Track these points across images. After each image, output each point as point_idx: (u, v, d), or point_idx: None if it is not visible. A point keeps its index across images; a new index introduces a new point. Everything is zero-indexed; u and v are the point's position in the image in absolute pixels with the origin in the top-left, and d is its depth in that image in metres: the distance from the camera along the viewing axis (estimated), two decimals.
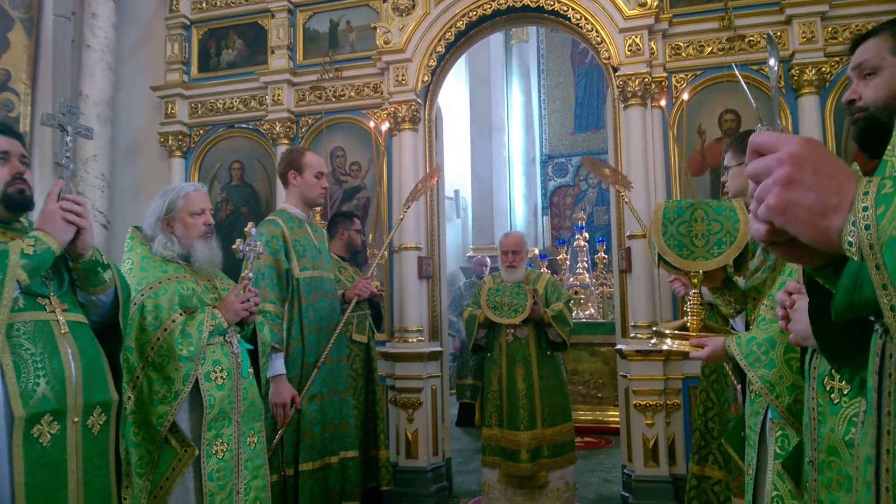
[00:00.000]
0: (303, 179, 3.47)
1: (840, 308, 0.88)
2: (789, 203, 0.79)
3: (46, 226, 1.88)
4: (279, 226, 3.35)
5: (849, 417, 1.33)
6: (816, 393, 1.42)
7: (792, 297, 1.51)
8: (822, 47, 4.15)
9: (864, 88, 1.38)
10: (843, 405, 1.34)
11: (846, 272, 0.85)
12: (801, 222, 0.79)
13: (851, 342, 1.02)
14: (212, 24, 5.41)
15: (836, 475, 1.35)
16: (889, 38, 1.37)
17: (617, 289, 4.61)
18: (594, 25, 4.44)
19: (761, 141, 0.84)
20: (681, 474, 4.04)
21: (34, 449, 1.81)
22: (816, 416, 1.41)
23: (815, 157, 0.80)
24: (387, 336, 4.73)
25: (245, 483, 2.54)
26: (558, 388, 4.30)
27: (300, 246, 3.40)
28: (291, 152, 3.59)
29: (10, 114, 4.92)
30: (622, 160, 4.44)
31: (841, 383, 1.36)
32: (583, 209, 11.28)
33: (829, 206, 0.79)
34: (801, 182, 0.79)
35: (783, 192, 0.79)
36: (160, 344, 2.41)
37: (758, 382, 1.93)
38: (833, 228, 0.79)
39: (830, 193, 0.79)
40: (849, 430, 1.32)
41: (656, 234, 2.34)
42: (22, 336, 1.84)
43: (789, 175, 0.79)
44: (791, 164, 0.79)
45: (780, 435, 1.93)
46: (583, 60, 11.99)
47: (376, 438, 4.07)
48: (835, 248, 0.80)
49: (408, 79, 4.77)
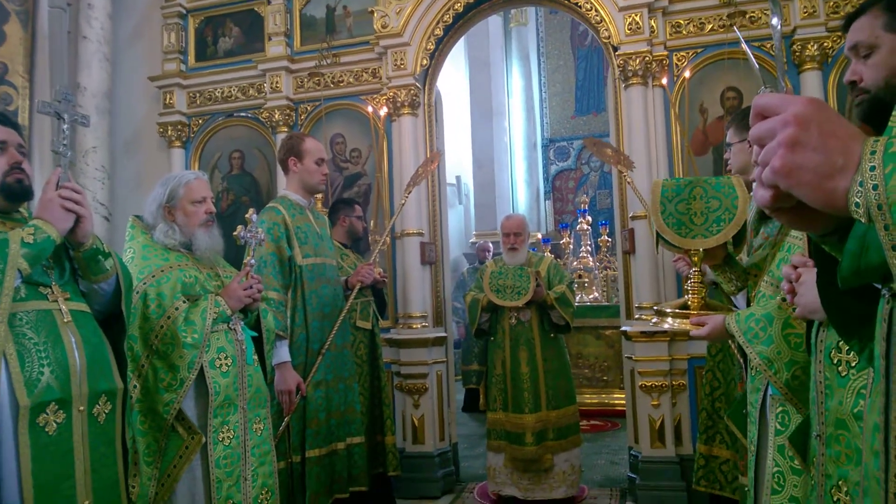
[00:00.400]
0: (303, 166, 3.45)
1: (846, 273, 0.86)
2: (794, 165, 0.77)
3: (46, 214, 1.88)
4: (280, 213, 3.34)
5: (857, 389, 1.32)
6: (824, 366, 1.40)
7: (797, 270, 1.50)
8: (824, 22, 4.11)
9: (864, 68, 1.36)
10: (852, 377, 1.33)
11: (852, 236, 0.83)
12: (806, 185, 0.77)
13: (860, 313, 1.01)
14: (208, 12, 5.37)
15: (844, 448, 1.34)
16: (880, 14, 1.33)
17: (621, 271, 4.59)
18: (593, 4, 4.40)
19: (765, 103, 0.82)
20: (687, 454, 4.04)
21: (40, 438, 1.81)
22: (824, 389, 1.40)
23: (820, 118, 0.78)
24: (391, 322, 4.73)
25: (252, 469, 2.55)
26: (562, 371, 4.30)
27: (302, 233, 3.39)
28: (291, 139, 3.56)
29: (8, 107, 4.90)
30: (624, 141, 4.41)
31: (849, 356, 1.35)
32: (585, 192, 11.26)
33: (835, 167, 0.76)
34: (806, 143, 0.77)
35: (788, 153, 0.77)
36: (164, 332, 2.41)
37: (756, 359, 1.93)
38: (840, 190, 0.77)
39: (836, 154, 0.77)
40: (857, 403, 1.30)
41: (654, 212, 2.32)
42: (25, 325, 1.84)
43: (794, 136, 0.77)
44: (796, 125, 0.77)
45: (781, 411, 1.92)
46: (582, 43, 11.92)
47: (382, 424, 4.08)
48: (842, 210, 0.78)
49: (406, 63, 4.74)
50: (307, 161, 3.45)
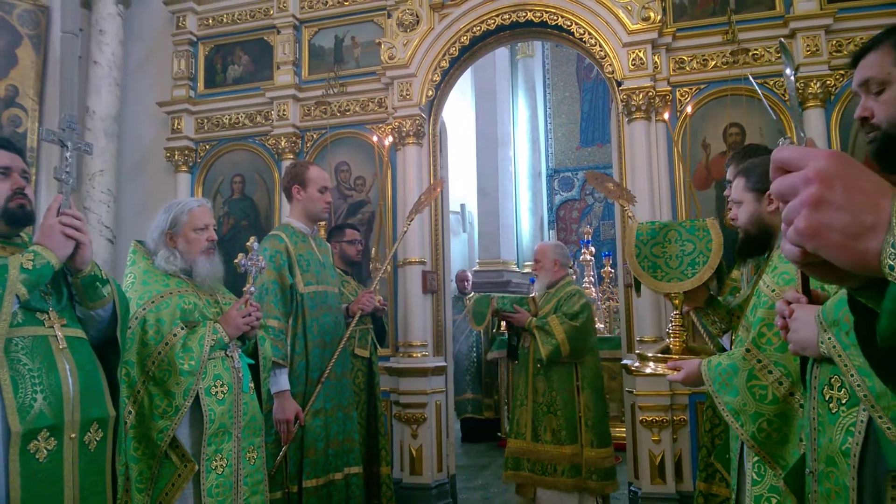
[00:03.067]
0: (306, 194, 3.47)
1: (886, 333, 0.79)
2: (820, 226, 0.72)
3: (46, 240, 1.89)
4: (283, 241, 3.34)
5: (846, 427, 1.30)
6: (817, 403, 1.39)
7: (790, 306, 1.49)
8: (827, 60, 4.14)
9: (876, 105, 1.32)
10: (842, 415, 1.31)
11: (889, 297, 0.77)
12: (834, 246, 0.72)
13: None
14: (218, 40, 5.46)
15: (833, 486, 1.33)
16: (891, 50, 1.32)
17: (622, 303, 4.58)
18: (598, 40, 4.45)
19: (785, 157, 0.77)
20: (688, 491, 3.98)
21: (30, 465, 1.80)
22: (817, 426, 1.39)
23: (844, 173, 0.73)
24: (391, 351, 4.71)
25: (244, 499, 2.53)
26: (567, 404, 4.03)
27: (304, 261, 3.39)
28: (295, 167, 3.58)
29: (17, 129, 4.96)
30: (627, 174, 4.43)
31: (839, 392, 1.34)
32: (589, 223, 11.27)
33: (864, 227, 0.71)
34: (831, 202, 0.72)
35: (812, 214, 0.72)
36: (161, 358, 2.41)
37: (723, 409, 1.91)
38: (871, 251, 0.71)
39: (865, 212, 0.71)
40: (846, 440, 1.29)
41: (629, 256, 2.33)
42: (20, 351, 1.84)
43: (818, 195, 0.72)
44: (819, 183, 0.72)
45: (756, 461, 1.90)
46: (588, 75, 12.03)
47: (378, 454, 4.04)
48: (874, 272, 0.73)
49: (412, 94, 4.79)
50: (311, 189, 3.47)
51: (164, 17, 5.63)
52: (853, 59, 1.39)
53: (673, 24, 4.46)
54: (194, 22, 5.46)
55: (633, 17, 4.35)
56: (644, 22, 4.33)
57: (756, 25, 4.30)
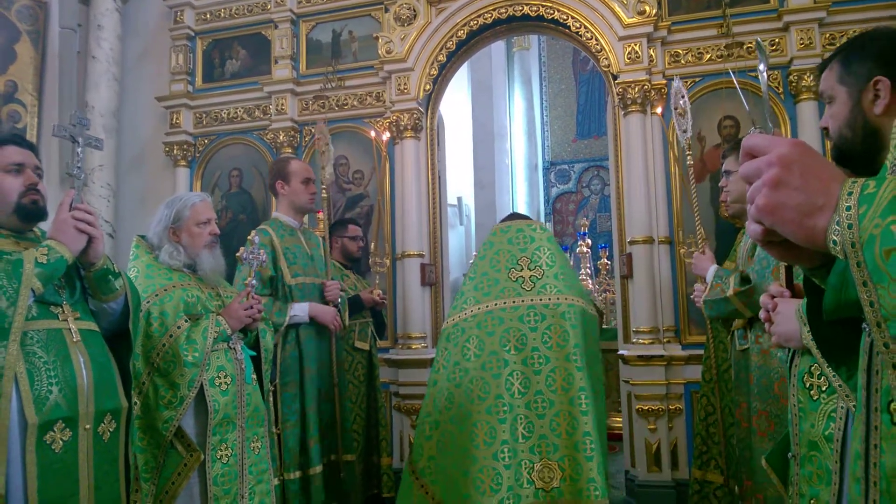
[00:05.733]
0: (290, 188, 3.55)
1: (829, 307, 0.91)
2: (777, 204, 0.83)
3: (59, 235, 1.93)
4: (268, 234, 3.43)
5: (828, 413, 1.36)
6: (797, 390, 1.45)
7: (774, 300, 1.54)
8: (820, 53, 4.18)
9: (829, 117, 1.42)
10: (822, 401, 1.37)
11: (833, 271, 0.88)
12: (788, 222, 0.83)
13: (847, 342, 1.05)
14: (216, 34, 5.47)
15: (816, 469, 1.39)
16: (836, 67, 1.39)
17: (618, 294, 4.63)
18: (594, 33, 4.49)
19: (752, 143, 0.87)
20: (683, 479, 4.05)
21: (47, 455, 1.84)
22: (798, 412, 1.44)
23: (803, 159, 0.83)
24: (390, 343, 4.76)
25: (249, 487, 2.58)
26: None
27: (291, 253, 3.46)
28: (277, 163, 3.67)
29: (16, 125, 4.98)
30: (623, 167, 4.47)
31: (820, 380, 1.40)
32: (585, 216, 11.31)
33: (815, 207, 0.81)
34: (788, 183, 0.82)
35: (771, 193, 0.83)
36: (166, 350, 2.45)
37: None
38: (819, 228, 0.81)
39: (817, 194, 0.82)
40: (828, 426, 1.35)
41: None
42: (35, 344, 1.88)
43: (777, 177, 0.83)
44: (779, 166, 0.83)
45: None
46: (584, 68, 12.04)
47: (378, 445, 4.10)
48: (821, 247, 0.83)
49: (409, 88, 4.82)
50: (294, 182, 3.54)
51: (161, 11, 5.65)
52: (818, 71, 1.46)
53: (668, 17, 4.49)
54: (192, 17, 5.48)
55: (628, 10, 4.39)
56: (639, 16, 4.37)
57: (750, 19, 4.34)
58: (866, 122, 1.32)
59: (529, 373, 2.69)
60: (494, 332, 2.77)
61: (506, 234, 3.02)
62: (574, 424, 2.63)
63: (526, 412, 2.65)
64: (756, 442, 2.82)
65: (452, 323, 2.98)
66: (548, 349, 2.72)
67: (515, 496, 2.55)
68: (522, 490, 2.57)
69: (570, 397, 2.65)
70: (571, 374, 2.68)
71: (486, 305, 2.84)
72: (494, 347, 2.74)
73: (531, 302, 2.80)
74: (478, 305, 2.86)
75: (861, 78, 1.33)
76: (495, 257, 2.98)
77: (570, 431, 2.63)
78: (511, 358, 2.72)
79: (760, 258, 2.72)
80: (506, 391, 2.65)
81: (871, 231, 0.77)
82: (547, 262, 2.89)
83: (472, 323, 2.86)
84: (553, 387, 2.66)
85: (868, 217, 0.77)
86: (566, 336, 2.71)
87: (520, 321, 2.77)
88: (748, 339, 2.90)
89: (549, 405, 2.66)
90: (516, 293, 2.83)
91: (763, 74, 1.11)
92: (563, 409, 2.64)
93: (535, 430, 2.64)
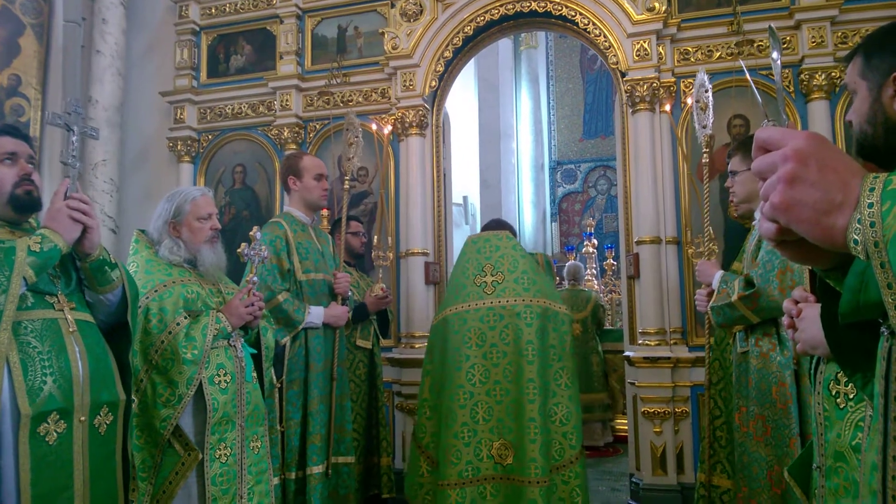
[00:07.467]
0: (302, 184, 3.52)
1: (846, 309, 0.85)
2: (793, 201, 0.77)
3: (53, 224, 1.89)
4: (283, 227, 3.42)
5: (855, 422, 1.31)
6: (822, 398, 1.39)
7: (798, 305, 1.48)
8: (832, 52, 4.12)
9: (852, 112, 1.36)
10: (849, 410, 1.32)
11: (851, 272, 0.82)
12: (805, 221, 0.77)
13: (864, 348, 1.00)
14: (221, 29, 5.44)
15: (843, 481, 1.33)
16: (858, 61, 1.34)
17: (625, 295, 4.57)
18: (602, 30, 4.43)
19: (766, 136, 0.82)
20: (689, 483, 3.99)
21: (40, 447, 1.81)
22: (823, 421, 1.39)
23: (819, 153, 0.78)
24: (393, 342, 4.72)
25: (248, 487, 2.53)
26: None
27: (303, 249, 3.44)
28: (289, 158, 3.63)
29: (20, 118, 4.95)
30: (630, 166, 4.42)
31: (847, 388, 1.34)
32: (591, 216, 11.27)
33: (833, 204, 0.76)
34: (805, 179, 0.77)
35: (787, 189, 0.77)
36: (164, 347, 2.41)
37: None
38: (838, 227, 0.76)
39: (835, 190, 0.76)
40: (855, 435, 1.29)
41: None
42: (30, 334, 1.85)
43: (793, 172, 0.77)
44: (795, 161, 0.77)
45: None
46: (592, 67, 11.99)
47: (378, 445, 4.05)
48: (840, 247, 0.77)
49: (415, 84, 4.77)
50: (306, 178, 3.52)
51: (166, 6, 5.61)
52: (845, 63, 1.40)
53: (678, 14, 4.43)
54: (197, 11, 5.44)
55: (637, 7, 4.33)
56: (649, 12, 4.31)
57: (761, 16, 4.27)
58: (887, 118, 1.27)
59: (489, 365, 3.11)
60: (459, 331, 3.17)
61: (476, 245, 3.39)
62: (521, 412, 3.02)
63: (486, 399, 3.08)
64: (751, 447, 2.78)
65: (432, 324, 3.47)
66: (505, 345, 3.11)
67: (475, 468, 3.01)
68: (482, 463, 3.03)
69: (519, 387, 3.05)
70: (522, 367, 3.05)
71: (454, 308, 3.24)
72: (457, 344, 3.15)
73: (491, 304, 3.19)
74: (449, 308, 3.28)
75: (881, 73, 1.28)
76: (466, 265, 3.35)
77: (519, 417, 3.02)
78: (472, 353, 3.13)
79: (764, 261, 2.67)
80: (466, 381, 3.09)
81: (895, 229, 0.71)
82: (509, 268, 3.25)
83: (442, 324, 3.28)
84: (509, 378, 3.08)
85: (893, 214, 0.72)
86: (520, 333, 3.09)
87: (480, 321, 3.16)
88: (748, 342, 2.85)
89: (506, 393, 3.08)
90: (479, 297, 3.22)
91: (777, 63, 1.05)
92: (515, 398, 3.04)
93: (493, 414, 3.07)
